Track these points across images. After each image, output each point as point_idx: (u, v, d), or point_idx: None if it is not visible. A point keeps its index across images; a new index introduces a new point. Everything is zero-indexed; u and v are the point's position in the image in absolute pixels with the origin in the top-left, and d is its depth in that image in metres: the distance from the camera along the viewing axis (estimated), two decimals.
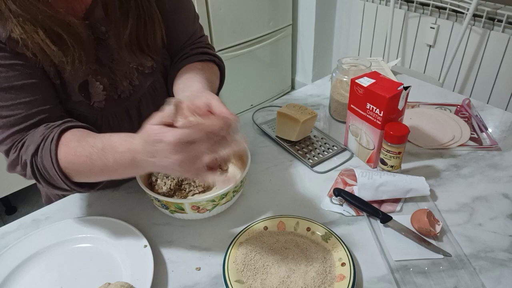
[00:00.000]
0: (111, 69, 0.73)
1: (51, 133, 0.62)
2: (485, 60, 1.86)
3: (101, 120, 0.76)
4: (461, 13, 1.86)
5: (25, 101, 0.62)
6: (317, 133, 0.97)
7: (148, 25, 0.73)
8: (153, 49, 0.76)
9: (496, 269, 0.64)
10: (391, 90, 0.76)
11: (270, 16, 2.45)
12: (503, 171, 0.84)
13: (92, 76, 0.71)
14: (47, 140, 0.61)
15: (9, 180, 1.81)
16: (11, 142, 0.63)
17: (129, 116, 0.80)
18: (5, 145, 0.64)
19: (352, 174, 0.81)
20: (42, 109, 0.64)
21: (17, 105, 0.62)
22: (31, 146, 0.62)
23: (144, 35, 0.73)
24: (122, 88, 0.75)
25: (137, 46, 0.74)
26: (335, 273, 0.62)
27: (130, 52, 0.73)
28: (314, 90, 1.19)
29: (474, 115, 1.01)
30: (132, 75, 0.76)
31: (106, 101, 0.74)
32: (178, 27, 0.81)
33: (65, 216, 0.76)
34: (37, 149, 0.62)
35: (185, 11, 0.82)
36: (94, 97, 0.72)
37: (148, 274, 0.62)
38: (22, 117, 0.62)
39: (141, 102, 0.80)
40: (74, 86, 0.69)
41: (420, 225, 0.69)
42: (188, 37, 0.84)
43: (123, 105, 0.77)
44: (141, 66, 0.77)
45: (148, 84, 0.80)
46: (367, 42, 2.34)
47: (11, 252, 0.68)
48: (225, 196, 0.71)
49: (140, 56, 0.75)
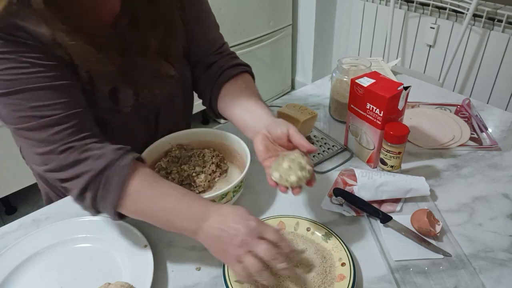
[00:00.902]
0: (133, 76, 0.74)
1: (125, 158, 0.61)
2: (485, 60, 1.86)
3: (122, 126, 0.77)
4: (461, 13, 1.86)
5: (63, 101, 0.61)
6: (317, 133, 0.97)
7: (172, 35, 0.74)
8: (176, 59, 0.78)
9: (496, 269, 0.64)
10: (391, 90, 0.76)
11: (270, 16, 2.45)
12: (503, 171, 0.84)
13: (119, 82, 0.72)
14: (123, 162, 0.60)
15: (9, 180, 1.81)
16: (54, 145, 0.60)
17: (147, 123, 0.82)
18: (45, 147, 0.60)
19: (352, 174, 0.81)
20: (78, 111, 0.62)
21: (56, 104, 0.60)
22: (103, 160, 0.60)
23: (168, 44, 0.75)
24: (142, 96, 0.76)
25: (162, 55, 0.75)
26: (335, 273, 0.62)
27: (155, 61, 0.74)
28: (314, 90, 1.19)
29: (474, 115, 1.01)
30: (153, 83, 0.77)
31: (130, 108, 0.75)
32: (199, 35, 0.82)
33: (65, 216, 0.76)
34: (107, 166, 0.60)
35: (206, 20, 0.83)
36: (122, 103, 0.73)
37: (148, 274, 0.62)
38: (61, 118, 0.60)
39: (159, 110, 0.82)
40: (105, 92, 0.70)
41: (420, 225, 0.69)
42: (209, 46, 0.84)
43: (142, 112, 0.79)
44: (161, 75, 0.78)
45: (168, 93, 0.81)
46: (367, 42, 2.34)
47: (11, 252, 0.68)
48: (225, 196, 0.71)
49: (164, 65, 0.76)
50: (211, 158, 0.81)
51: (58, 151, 0.60)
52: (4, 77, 0.57)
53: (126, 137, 0.77)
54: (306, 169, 0.61)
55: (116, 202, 0.60)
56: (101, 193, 0.60)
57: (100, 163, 0.60)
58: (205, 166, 0.80)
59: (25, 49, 0.57)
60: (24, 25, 0.56)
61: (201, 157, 0.81)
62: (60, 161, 0.60)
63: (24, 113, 0.59)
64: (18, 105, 0.58)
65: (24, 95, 0.58)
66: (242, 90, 0.77)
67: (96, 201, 0.61)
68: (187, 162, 0.80)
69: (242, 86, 0.79)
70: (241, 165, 0.82)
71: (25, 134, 0.60)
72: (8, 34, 0.55)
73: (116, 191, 0.60)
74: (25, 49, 0.57)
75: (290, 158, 0.63)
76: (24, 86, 0.58)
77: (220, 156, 0.83)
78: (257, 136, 0.68)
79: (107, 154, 0.61)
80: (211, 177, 0.79)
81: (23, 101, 0.58)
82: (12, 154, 1.67)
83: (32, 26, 0.57)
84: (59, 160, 0.60)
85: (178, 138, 0.84)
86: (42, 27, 0.58)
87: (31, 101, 0.58)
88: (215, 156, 0.82)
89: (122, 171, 0.60)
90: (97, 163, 0.60)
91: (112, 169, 0.60)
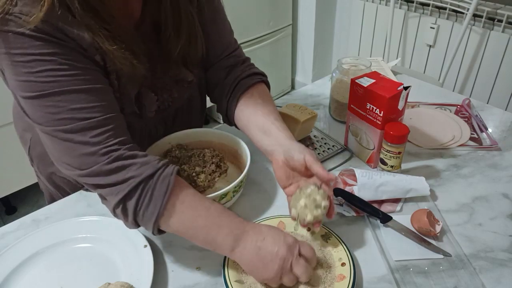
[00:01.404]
0: (154, 81, 0.74)
1: (169, 168, 0.60)
2: (485, 60, 1.86)
3: (143, 129, 0.79)
4: (461, 13, 1.86)
5: (103, 104, 0.60)
6: (317, 133, 0.97)
7: (193, 42, 0.75)
8: (195, 65, 0.79)
9: (496, 269, 0.64)
10: (391, 90, 0.76)
11: (270, 16, 2.45)
12: (503, 171, 0.84)
13: (144, 87, 0.72)
14: (166, 171, 0.59)
15: (9, 180, 1.81)
16: (97, 147, 0.58)
17: (165, 125, 0.84)
18: (87, 149, 0.58)
19: (352, 174, 0.81)
20: (114, 115, 0.61)
21: (95, 107, 0.59)
22: (148, 168, 0.59)
23: (188, 52, 0.75)
24: (162, 100, 0.77)
25: (182, 61, 0.76)
26: (335, 273, 0.62)
27: (175, 67, 0.75)
28: (314, 90, 1.19)
29: (474, 115, 1.01)
30: (172, 87, 0.78)
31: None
32: (215, 38, 0.82)
33: (65, 216, 0.76)
34: (154, 174, 0.58)
35: (222, 23, 0.83)
36: (148, 107, 0.74)
37: (148, 274, 0.62)
38: (102, 120, 0.59)
39: (177, 112, 0.84)
40: (131, 97, 0.70)
41: (420, 225, 0.69)
42: (224, 49, 0.84)
43: (161, 116, 0.80)
44: (181, 80, 0.78)
45: (186, 96, 0.83)
46: (367, 42, 2.34)
47: (11, 252, 0.68)
48: (225, 196, 0.70)
49: (183, 71, 0.77)
50: (211, 158, 0.81)
51: (99, 153, 0.58)
52: (43, 79, 0.56)
53: (146, 139, 0.78)
54: (321, 206, 0.62)
55: (160, 212, 0.58)
56: (145, 202, 0.58)
57: (147, 170, 0.58)
58: (205, 166, 0.80)
59: (65, 51, 0.57)
60: (64, 27, 0.56)
61: (201, 157, 0.81)
62: (102, 165, 0.58)
63: (64, 115, 0.57)
64: (58, 107, 0.57)
65: (63, 97, 0.57)
66: (258, 108, 0.76)
67: (139, 210, 0.58)
68: (187, 162, 0.80)
69: (257, 101, 0.78)
70: (241, 165, 0.82)
71: (64, 136, 0.58)
72: (49, 35, 0.55)
73: (160, 200, 0.58)
74: (65, 51, 0.57)
75: (306, 193, 0.63)
76: (64, 88, 0.57)
77: (220, 156, 0.83)
78: (276, 163, 0.69)
79: (152, 162, 0.60)
80: (211, 177, 0.79)
81: (62, 102, 0.57)
82: (12, 154, 1.68)
83: (73, 29, 0.57)
84: (100, 163, 0.58)
85: (178, 138, 0.84)
86: (83, 30, 0.58)
87: (71, 103, 0.57)
88: (215, 156, 0.82)
89: (167, 181, 0.58)
90: (142, 170, 0.58)
91: (157, 177, 0.58)
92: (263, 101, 0.78)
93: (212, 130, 0.86)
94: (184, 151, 0.83)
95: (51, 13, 0.54)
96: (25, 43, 0.54)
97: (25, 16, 0.53)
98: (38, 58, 0.55)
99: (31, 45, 0.54)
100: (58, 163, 0.61)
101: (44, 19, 0.54)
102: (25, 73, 0.55)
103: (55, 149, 0.60)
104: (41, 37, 0.55)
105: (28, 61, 0.55)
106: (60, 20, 0.56)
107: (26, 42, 0.54)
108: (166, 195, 0.58)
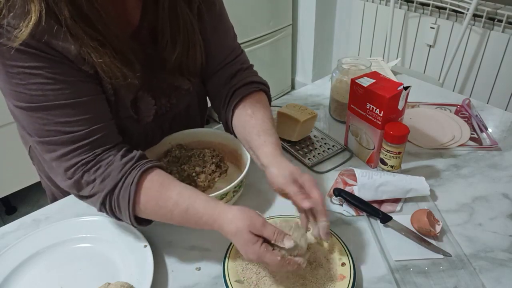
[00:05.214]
0: (152, 87, 0.74)
1: (131, 175, 0.62)
2: (485, 60, 1.86)
3: (140, 133, 0.78)
4: (461, 13, 1.86)
5: (88, 117, 0.62)
6: (317, 133, 0.97)
7: (191, 52, 0.75)
8: (193, 73, 0.79)
9: (496, 269, 0.64)
10: (391, 90, 0.76)
11: (270, 16, 2.45)
12: (503, 171, 0.84)
13: (140, 92, 0.72)
14: (126, 181, 0.61)
15: (9, 180, 1.81)
16: (74, 160, 0.62)
17: (162, 130, 0.84)
18: (66, 162, 0.62)
19: (352, 174, 0.81)
20: (102, 125, 0.64)
21: (80, 121, 0.61)
22: (109, 182, 0.61)
23: (186, 62, 0.75)
24: (159, 105, 0.77)
25: (179, 70, 0.76)
26: (335, 273, 0.62)
27: (172, 75, 0.76)
28: (314, 90, 1.19)
29: (474, 115, 1.01)
30: (170, 94, 0.78)
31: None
32: (216, 45, 0.81)
33: (65, 216, 0.76)
34: (114, 187, 0.61)
35: (224, 29, 0.82)
36: (144, 112, 0.74)
37: (148, 274, 0.62)
38: (85, 134, 0.62)
39: (174, 118, 0.84)
40: (126, 102, 0.70)
41: (420, 225, 0.69)
42: (226, 55, 0.83)
43: (159, 121, 0.80)
44: (178, 88, 0.79)
45: (184, 103, 0.83)
46: (367, 42, 2.34)
47: (11, 252, 0.68)
48: (225, 196, 0.71)
49: (180, 79, 0.78)
50: (211, 158, 0.81)
51: (73, 169, 0.62)
52: (32, 92, 0.58)
53: (143, 143, 0.79)
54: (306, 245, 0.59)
55: (132, 219, 0.63)
56: (117, 210, 0.63)
57: (107, 185, 0.62)
58: (205, 166, 0.80)
59: (52, 65, 0.58)
60: (51, 41, 0.57)
61: (201, 157, 0.81)
62: (74, 180, 0.62)
63: (51, 127, 0.60)
64: (45, 119, 0.60)
65: (50, 111, 0.60)
66: (246, 120, 0.75)
67: (117, 215, 0.64)
68: (187, 162, 0.80)
69: (247, 112, 0.76)
70: (241, 165, 0.82)
71: (49, 147, 0.62)
72: (36, 49, 0.56)
73: (126, 211, 0.62)
74: (52, 65, 0.58)
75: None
76: (50, 103, 0.59)
77: (220, 156, 0.83)
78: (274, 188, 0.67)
79: (112, 173, 0.62)
80: (211, 177, 0.79)
81: (50, 116, 0.60)
82: (12, 154, 1.68)
83: (59, 41, 0.57)
84: (74, 179, 0.62)
85: (178, 138, 0.84)
86: (69, 43, 0.58)
87: (57, 117, 0.60)
88: (215, 156, 0.82)
89: (127, 193, 0.61)
90: (104, 185, 0.62)
91: (119, 191, 0.62)
92: (253, 112, 0.76)
93: (212, 130, 0.86)
94: (184, 151, 0.83)
95: (37, 27, 0.55)
96: (14, 56, 0.56)
97: (14, 29, 0.54)
98: (27, 72, 0.57)
99: (20, 58, 0.56)
100: (53, 175, 0.66)
101: (32, 33, 0.54)
102: (16, 84, 0.58)
103: (44, 159, 0.65)
104: (28, 51, 0.56)
105: (18, 73, 0.57)
106: (47, 33, 0.56)
107: (14, 55, 0.56)
108: (129, 206, 0.61)
